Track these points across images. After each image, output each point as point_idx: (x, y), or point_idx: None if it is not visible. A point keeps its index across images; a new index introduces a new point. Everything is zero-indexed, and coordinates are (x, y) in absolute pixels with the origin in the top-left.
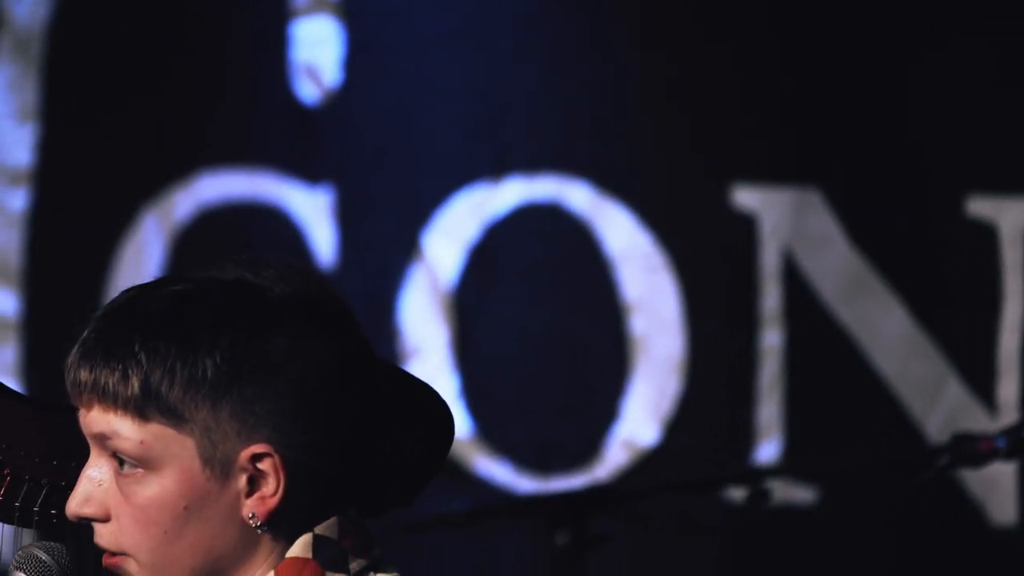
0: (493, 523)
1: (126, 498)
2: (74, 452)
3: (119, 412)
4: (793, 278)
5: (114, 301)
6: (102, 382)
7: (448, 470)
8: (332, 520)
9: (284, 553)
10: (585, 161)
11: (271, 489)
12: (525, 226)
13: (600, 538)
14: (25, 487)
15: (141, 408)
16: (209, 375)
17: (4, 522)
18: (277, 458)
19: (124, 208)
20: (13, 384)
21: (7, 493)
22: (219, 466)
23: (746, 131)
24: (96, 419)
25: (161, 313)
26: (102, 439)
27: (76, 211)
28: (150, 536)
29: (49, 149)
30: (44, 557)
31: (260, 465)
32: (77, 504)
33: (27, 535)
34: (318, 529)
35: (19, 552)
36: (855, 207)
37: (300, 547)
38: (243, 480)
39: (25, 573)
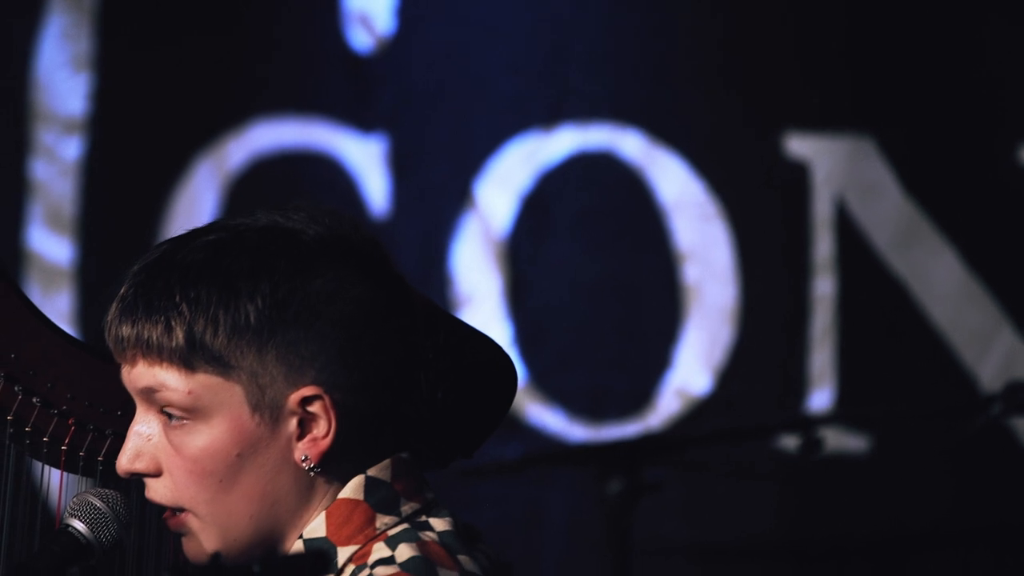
0: (545, 471)
1: (177, 451)
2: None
3: (164, 364)
4: (846, 226)
5: (149, 255)
6: (145, 335)
7: None
8: (385, 462)
9: (338, 494)
10: (638, 110)
11: (322, 431)
12: (578, 175)
13: (652, 486)
14: (89, 437)
15: (187, 358)
16: (252, 320)
17: (68, 471)
18: (326, 399)
19: (178, 156)
20: (68, 331)
21: (72, 442)
22: (268, 411)
23: (800, 79)
24: (141, 373)
25: (199, 263)
26: (149, 393)
27: (130, 159)
28: (205, 487)
29: (103, 98)
30: (99, 504)
31: (310, 408)
32: (128, 460)
33: (90, 484)
34: (371, 471)
35: (74, 499)
36: (908, 155)
37: (352, 488)
38: (293, 423)
39: (80, 520)
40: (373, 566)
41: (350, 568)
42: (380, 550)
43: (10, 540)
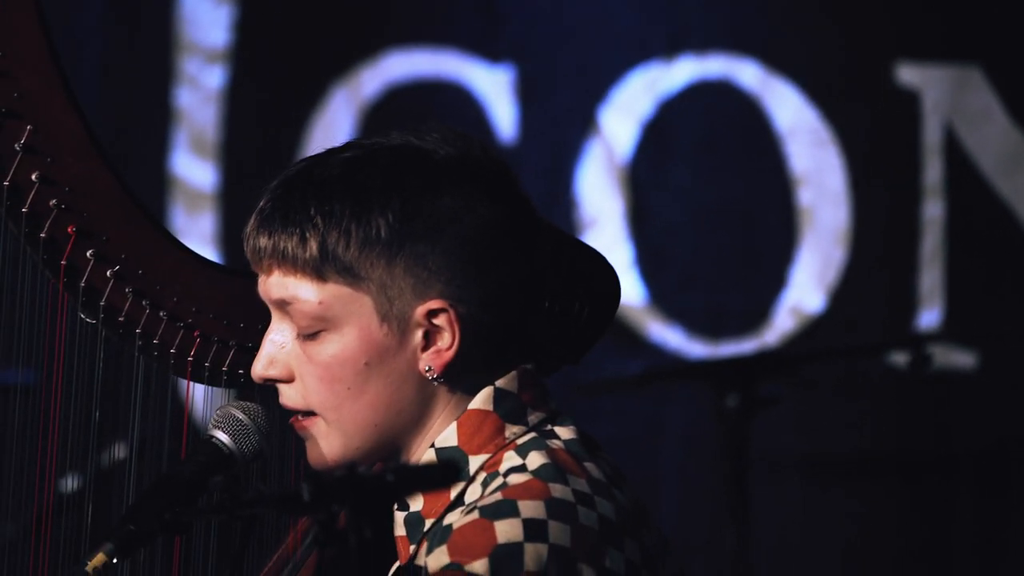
0: (665, 386)
1: (309, 358)
2: (261, 315)
3: (298, 275)
4: (954, 152)
5: (288, 171)
6: (281, 247)
7: (622, 335)
8: (512, 374)
9: (460, 405)
10: (755, 41)
11: (446, 343)
12: (697, 103)
13: (768, 401)
14: (214, 348)
15: (319, 269)
16: (383, 234)
17: (195, 381)
18: (452, 312)
19: (315, 85)
20: (211, 252)
21: (197, 354)
22: (396, 322)
23: (910, 10)
24: (276, 284)
25: (334, 178)
26: (282, 304)
27: (270, 88)
28: (334, 393)
29: (244, 29)
30: (241, 416)
31: (435, 320)
32: (262, 367)
33: (221, 395)
34: (499, 382)
35: (217, 411)
36: (1014, 83)
37: (481, 399)
38: (419, 335)
39: (223, 431)
40: (506, 474)
41: (482, 476)
42: (511, 458)
43: (141, 446)
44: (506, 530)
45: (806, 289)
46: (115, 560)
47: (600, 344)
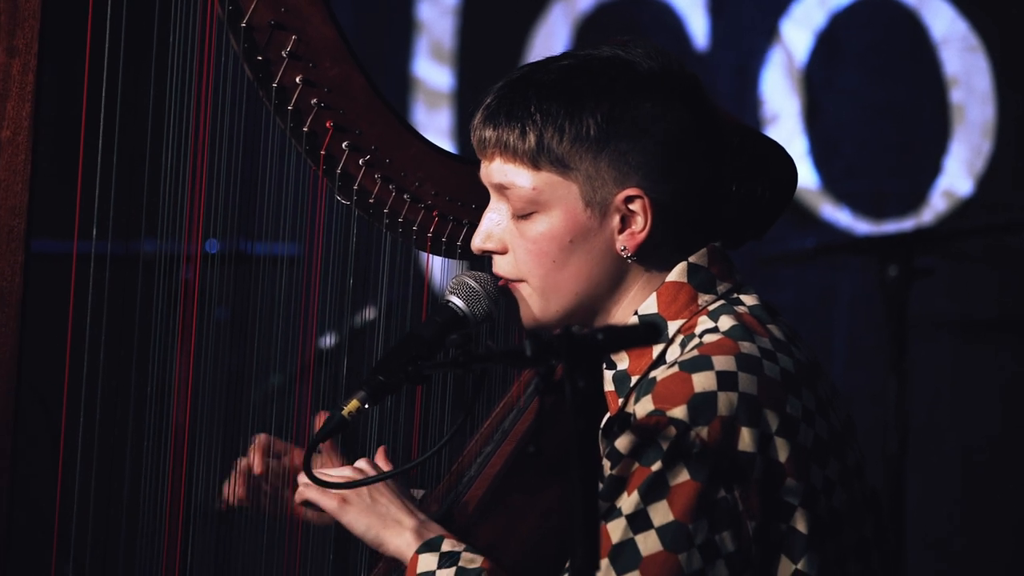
0: (836, 258)
1: (521, 234)
2: (488, 198)
3: (517, 163)
4: None
5: (512, 74)
6: (504, 138)
7: (799, 214)
8: (703, 251)
9: (652, 280)
10: None
11: (640, 226)
12: (864, 15)
13: (924, 271)
14: (449, 226)
15: (535, 159)
16: (592, 132)
17: (434, 254)
18: (646, 199)
19: (538, 1)
20: (447, 144)
21: (435, 230)
22: (598, 207)
23: None
24: (496, 170)
25: (552, 82)
26: (501, 188)
27: (499, 2)
28: (541, 264)
29: None
30: (473, 284)
31: (631, 206)
32: (480, 240)
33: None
34: (691, 258)
35: (452, 280)
36: None
37: (677, 273)
38: (616, 219)
39: (458, 297)
40: (701, 335)
41: (680, 337)
42: (704, 322)
43: (388, 310)
44: (702, 381)
45: (957, 175)
46: (367, 405)
47: (780, 222)
